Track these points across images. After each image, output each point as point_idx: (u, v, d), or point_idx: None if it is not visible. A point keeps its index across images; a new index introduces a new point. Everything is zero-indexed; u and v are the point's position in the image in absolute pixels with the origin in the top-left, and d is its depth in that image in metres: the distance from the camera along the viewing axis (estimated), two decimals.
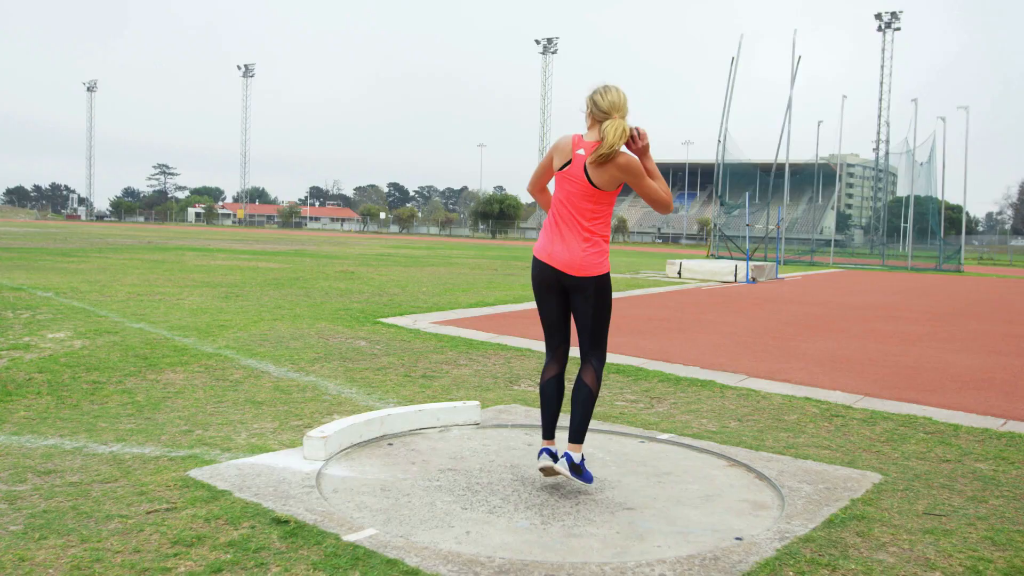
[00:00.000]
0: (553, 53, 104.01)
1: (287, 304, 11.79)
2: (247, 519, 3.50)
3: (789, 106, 41.27)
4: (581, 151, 3.99)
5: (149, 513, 3.57)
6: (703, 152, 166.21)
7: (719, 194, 43.59)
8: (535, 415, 5.61)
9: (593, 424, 5.44)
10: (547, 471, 4.07)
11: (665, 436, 5.21)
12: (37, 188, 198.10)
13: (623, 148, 3.96)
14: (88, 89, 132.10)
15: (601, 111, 3.98)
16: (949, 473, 4.68)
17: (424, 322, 10.41)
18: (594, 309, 4.08)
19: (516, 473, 4.39)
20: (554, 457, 4.06)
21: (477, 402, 5.41)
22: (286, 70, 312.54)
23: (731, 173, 44.36)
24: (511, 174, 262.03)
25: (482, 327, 10.04)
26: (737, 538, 3.55)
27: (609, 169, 3.92)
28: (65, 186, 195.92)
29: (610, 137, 3.87)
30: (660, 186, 4.02)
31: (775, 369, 7.97)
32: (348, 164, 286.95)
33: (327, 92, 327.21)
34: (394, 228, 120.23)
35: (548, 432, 4.24)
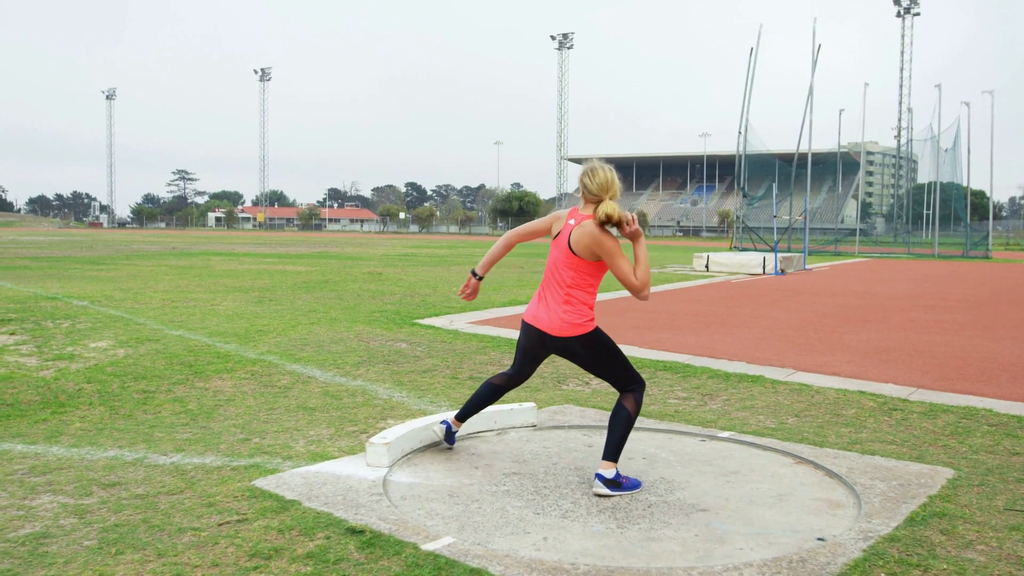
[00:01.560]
0: (569, 49, 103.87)
1: (321, 307, 11.78)
2: (321, 529, 3.46)
3: (810, 95, 40.90)
4: (572, 221, 4.21)
5: (221, 525, 3.54)
6: (720, 144, 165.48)
7: (741, 186, 43.29)
8: (590, 415, 5.55)
9: (650, 423, 5.38)
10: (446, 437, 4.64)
11: (726, 434, 5.13)
12: (59, 197, 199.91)
13: (612, 230, 4.16)
14: (107, 97, 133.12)
15: (592, 193, 4.17)
16: (1022, 467, 4.57)
17: (461, 322, 10.37)
18: (595, 360, 4.23)
19: (582, 476, 4.33)
20: (450, 435, 4.62)
21: (533, 404, 5.35)
22: (302, 73, 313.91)
23: (750, 164, 44.04)
24: (529, 171, 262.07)
25: (519, 326, 9.97)
26: (819, 539, 3.48)
27: (585, 240, 4.10)
28: (86, 194, 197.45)
29: (599, 213, 4.09)
30: (639, 272, 4.13)
31: (822, 362, 7.86)
32: (365, 165, 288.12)
33: (342, 95, 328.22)
34: (413, 228, 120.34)
35: (463, 416, 4.62)
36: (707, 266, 23.27)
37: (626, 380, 4.23)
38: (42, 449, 4.72)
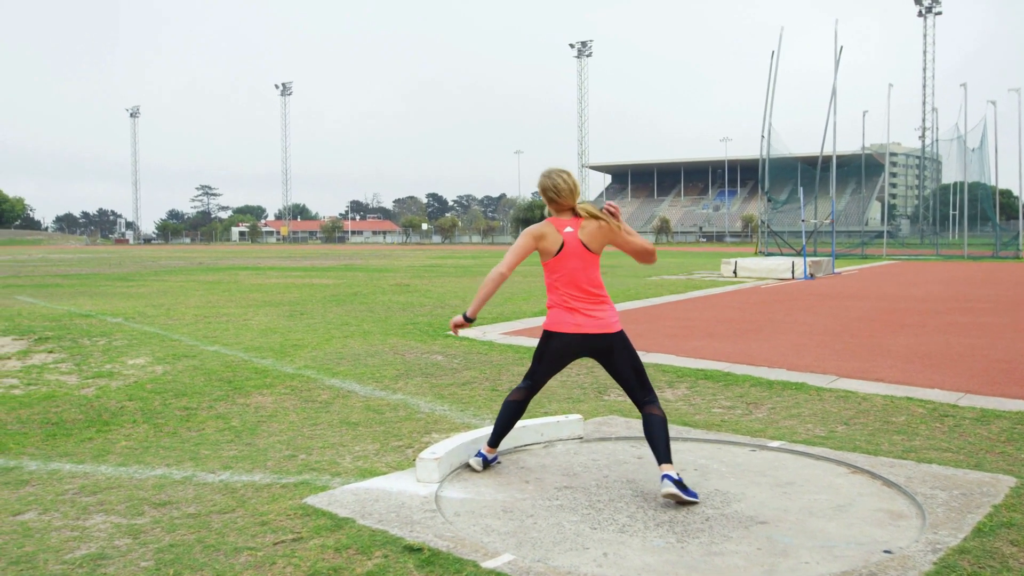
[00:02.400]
0: (588, 56, 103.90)
1: (353, 320, 11.78)
2: (378, 548, 3.42)
3: (833, 97, 40.69)
4: (568, 229, 4.28)
5: (276, 544, 3.51)
6: (741, 148, 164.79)
7: (765, 190, 43.05)
8: (636, 426, 5.48)
9: (698, 433, 5.31)
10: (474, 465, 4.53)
11: (776, 444, 5.05)
12: (85, 214, 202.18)
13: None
14: (131, 115, 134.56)
15: (564, 199, 4.27)
16: None
17: (494, 333, 10.33)
18: (632, 356, 4.31)
19: (635, 488, 4.27)
20: (487, 464, 4.53)
21: (580, 416, 5.30)
22: (321, 87, 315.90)
23: (773, 167, 43.79)
24: None
25: None
26: (886, 551, 3.40)
27: (599, 235, 4.28)
28: (112, 211, 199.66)
29: (592, 209, 4.30)
30: (640, 239, 4.35)
31: (864, 368, 7.75)
32: (386, 177, 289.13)
33: (362, 108, 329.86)
34: (436, 238, 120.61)
35: (495, 442, 4.56)
36: (735, 272, 23.11)
37: (648, 382, 4.32)
38: (91, 468, 4.72)
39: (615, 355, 4.29)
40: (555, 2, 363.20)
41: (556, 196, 4.27)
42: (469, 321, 4.49)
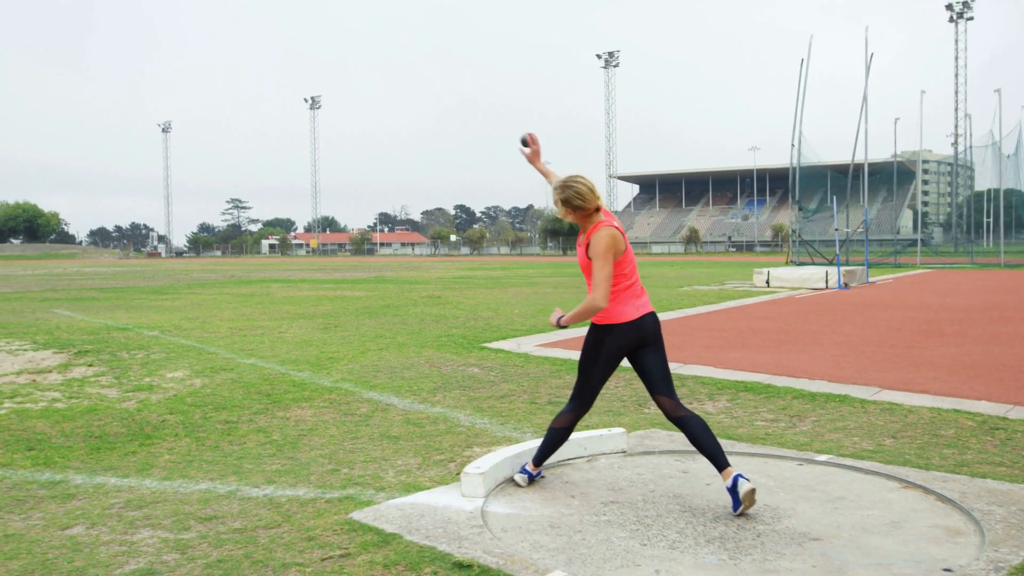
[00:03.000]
0: (615, 67, 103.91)
1: (387, 333, 11.79)
2: (427, 564, 3.39)
3: (864, 104, 40.33)
4: (617, 223, 4.36)
5: (324, 560, 3.49)
6: (769, 156, 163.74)
7: (796, 199, 42.71)
8: (679, 439, 5.41)
9: (744, 447, 5.24)
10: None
11: (823, 458, 4.97)
12: (118, 228, 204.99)
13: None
14: (163, 130, 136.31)
15: (588, 200, 4.24)
16: None
17: (529, 345, 10.29)
18: (664, 345, 4.40)
19: (682, 503, 4.21)
20: (532, 481, 4.52)
21: (623, 429, 5.25)
22: (349, 102, 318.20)
23: (803, 176, 43.43)
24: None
25: None
26: (946, 569, 3.32)
27: None
28: (144, 225, 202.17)
29: None
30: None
31: (907, 380, 7.63)
32: (414, 189, 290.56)
33: (388, 121, 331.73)
34: (464, 250, 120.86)
35: (539, 461, 4.55)
36: (768, 282, 22.92)
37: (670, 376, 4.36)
38: (135, 482, 4.74)
39: (656, 347, 4.31)
40: (582, 14, 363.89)
41: (583, 202, 4.23)
42: (561, 327, 4.38)
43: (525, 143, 4.89)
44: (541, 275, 32.97)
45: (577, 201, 4.23)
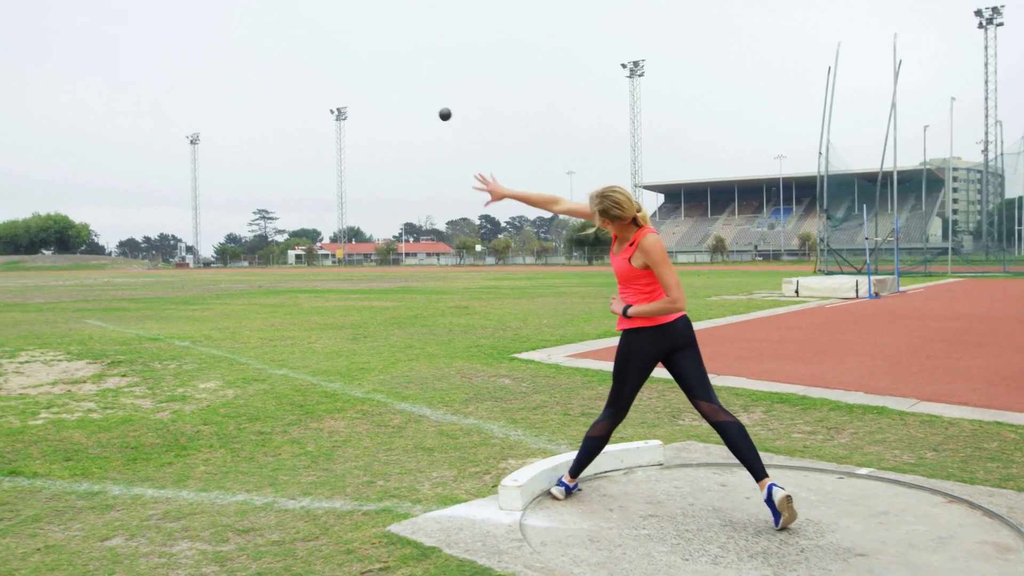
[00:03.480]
0: (640, 76, 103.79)
1: (416, 343, 11.80)
2: None
3: (893, 111, 39.97)
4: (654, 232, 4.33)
5: (364, 574, 3.47)
6: (796, 164, 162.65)
7: (824, 208, 42.37)
8: (716, 452, 5.36)
9: (782, 460, 5.17)
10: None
11: (864, 471, 4.89)
12: (147, 239, 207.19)
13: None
14: (191, 142, 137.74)
15: (626, 209, 4.22)
16: None
17: (559, 356, 10.25)
18: (699, 348, 4.35)
19: (722, 517, 4.15)
20: (570, 493, 4.49)
21: (659, 441, 5.20)
22: (373, 113, 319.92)
23: (830, 183, 43.07)
24: None
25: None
26: None
27: None
28: (172, 235, 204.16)
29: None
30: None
31: (946, 391, 7.51)
32: (439, 199, 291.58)
33: (412, 135, 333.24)
34: (490, 260, 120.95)
35: (575, 472, 4.51)
36: (797, 291, 22.73)
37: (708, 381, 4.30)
38: (172, 493, 4.75)
39: (692, 350, 4.27)
40: (606, 23, 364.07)
41: (621, 212, 4.21)
42: (626, 317, 4.32)
43: (444, 116, 4.99)
44: (567, 285, 32.91)
45: (615, 211, 4.21)
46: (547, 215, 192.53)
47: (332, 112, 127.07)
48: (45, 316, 18.61)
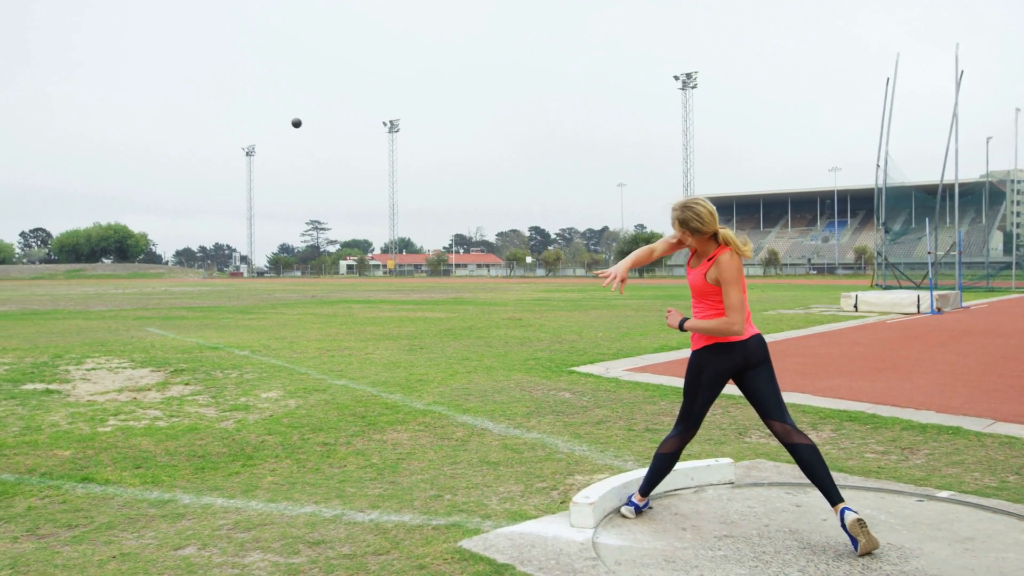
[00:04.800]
0: (693, 88, 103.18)
1: (473, 355, 11.79)
2: None
3: (954, 123, 39.15)
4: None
5: None
6: (850, 177, 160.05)
7: (882, 221, 41.59)
8: (788, 471, 5.24)
9: (857, 481, 5.04)
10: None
11: (945, 494, 4.74)
12: (203, 248, 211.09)
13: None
14: (247, 154, 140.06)
15: (707, 223, 4.15)
16: None
17: (617, 370, 10.16)
18: (772, 367, 4.26)
19: (799, 539, 4.04)
20: (640, 512, 4.42)
21: (730, 460, 5.09)
22: (425, 128, 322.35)
23: (888, 196, 42.27)
24: (652, 212, 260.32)
25: (679, 373, 9.68)
26: None
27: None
28: (227, 245, 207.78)
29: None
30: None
31: (1023, 411, 7.27)
32: (489, 210, 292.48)
33: (464, 149, 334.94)
34: (539, 271, 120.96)
35: (645, 490, 4.45)
36: (856, 306, 22.30)
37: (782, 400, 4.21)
38: (241, 503, 4.77)
39: (765, 368, 4.19)
40: (659, 35, 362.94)
41: (700, 225, 4.14)
42: (681, 331, 4.30)
43: (296, 124, 4.96)
44: (619, 298, 32.71)
45: (695, 223, 4.14)
46: (597, 226, 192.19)
47: (385, 124, 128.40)
48: (107, 324, 18.99)
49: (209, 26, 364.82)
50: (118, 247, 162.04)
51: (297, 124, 4.80)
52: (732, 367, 4.19)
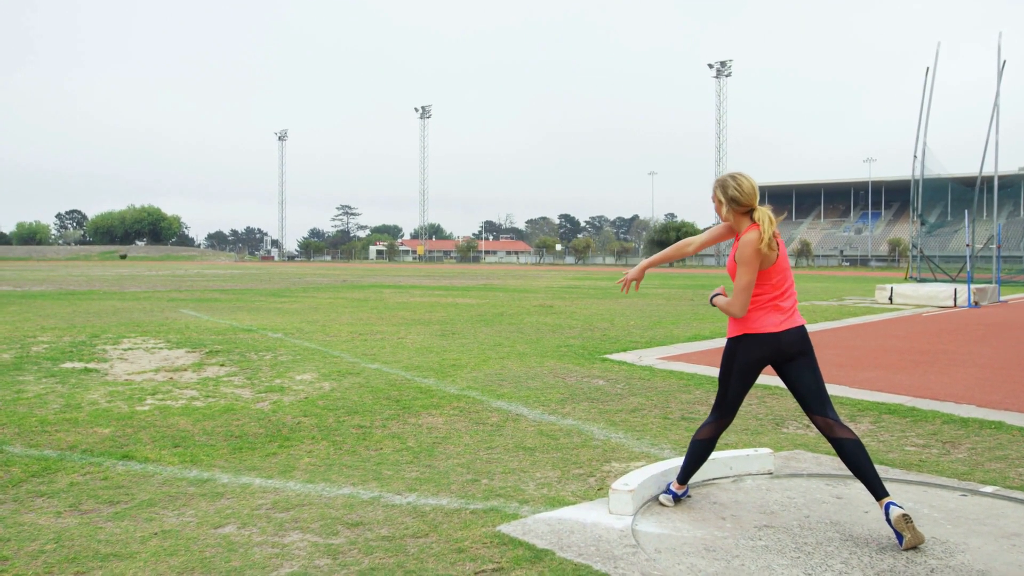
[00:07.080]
0: (727, 76, 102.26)
1: (506, 341, 11.78)
2: None
3: (995, 113, 38.44)
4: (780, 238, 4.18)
5: (478, 574, 3.43)
6: (885, 168, 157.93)
7: (919, 213, 41.01)
8: (827, 463, 5.18)
9: (898, 474, 4.97)
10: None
11: (989, 489, 4.66)
12: (234, 232, 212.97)
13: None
14: (279, 138, 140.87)
15: (747, 196, 4.09)
16: None
17: (650, 358, 10.10)
18: (815, 360, 4.17)
19: (841, 531, 3.99)
20: (678, 500, 4.39)
21: (770, 450, 5.05)
22: (456, 116, 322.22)
23: (924, 188, 41.64)
24: (682, 201, 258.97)
25: (713, 362, 9.61)
26: None
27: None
28: (258, 229, 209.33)
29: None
30: None
31: None
32: (519, 198, 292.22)
33: (495, 138, 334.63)
34: (569, 259, 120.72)
35: (683, 479, 4.42)
36: (891, 298, 22.03)
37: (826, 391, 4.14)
38: (280, 484, 4.79)
39: (805, 359, 4.10)
40: (693, 23, 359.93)
41: (739, 194, 4.08)
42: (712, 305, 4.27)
43: None
44: (650, 286, 32.55)
45: (733, 191, 4.08)
46: (627, 215, 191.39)
47: (416, 110, 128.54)
48: (142, 305, 19.21)
49: (247, 14, 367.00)
50: (151, 229, 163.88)
51: None
52: (763, 358, 4.14)
